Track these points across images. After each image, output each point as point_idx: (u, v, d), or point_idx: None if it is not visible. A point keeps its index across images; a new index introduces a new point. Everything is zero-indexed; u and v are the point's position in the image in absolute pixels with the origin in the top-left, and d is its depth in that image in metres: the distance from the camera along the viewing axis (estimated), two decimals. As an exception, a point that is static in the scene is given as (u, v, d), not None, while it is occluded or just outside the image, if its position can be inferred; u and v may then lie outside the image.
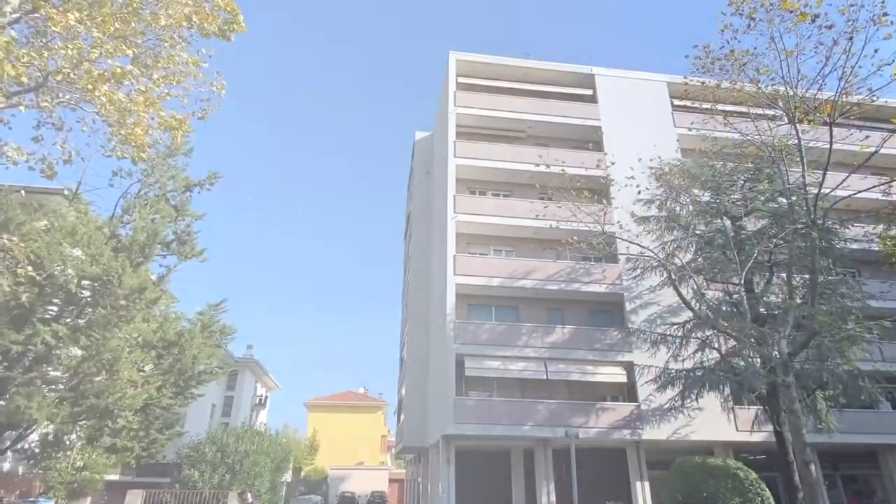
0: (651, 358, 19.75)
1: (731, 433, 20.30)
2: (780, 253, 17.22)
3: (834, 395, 17.08)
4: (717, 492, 14.71)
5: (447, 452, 19.96)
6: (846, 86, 12.99)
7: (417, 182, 32.32)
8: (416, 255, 30.35)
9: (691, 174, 18.82)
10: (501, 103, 25.62)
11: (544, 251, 23.61)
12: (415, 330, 28.53)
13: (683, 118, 25.52)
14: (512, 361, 20.96)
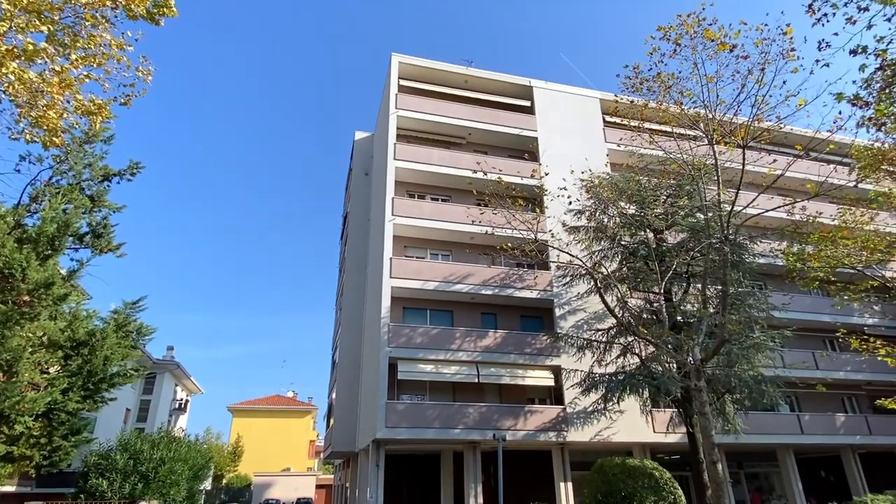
0: (577, 362, 20.49)
1: (649, 434, 21.39)
2: (697, 265, 18.37)
3: (740, 398, 18.40)
4: (635, 491, 15.42)
5: (377, 456, 19.78)
6: (758, 112, 14.10)
7: (356, 183, 31.93)
8: (351, 257, 29.95)
9: (619, 188, 19.72)
10: (442, 108, 25.82)
11: (480, 256, 23.98)
12: (348, 333, 28.11)
13: (613, 134, 26.77)
14: (445, 365, 21.08)
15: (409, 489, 21.98)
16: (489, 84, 27.56)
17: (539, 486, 21.07)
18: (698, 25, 13.14)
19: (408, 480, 22.14)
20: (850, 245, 19.60)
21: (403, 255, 23.46)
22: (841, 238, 19.56)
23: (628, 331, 17.17)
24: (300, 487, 47.81)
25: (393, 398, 20.51)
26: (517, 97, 27.75)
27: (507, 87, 27.68)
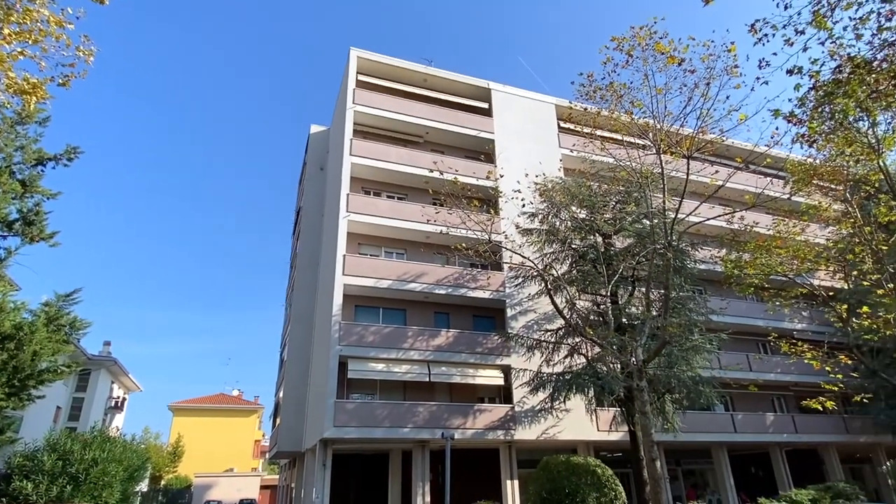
0: (527, 362, 20.86)
1: (593, 433, 22.02)
2: (642, 269, 19.04)
3: (679, 398, 19.21)
4: (578, 488, 15.83)
5: (323, 456, 19.50)
6: (703, 125, 14.77)
7: (310, 177, 31.36)
8: (304, 253, 29.39)
9: (571, 192, 20.21)
10: (401, 106, 25.71)
11: (435, 256, 24.04)
12: (298, 330, 27.58)
13: (567, 139, 27.39)
14: (396, 364, 21.02)
15: (356, 489, 21.80)
16: (448, 84, 27.65)
17: (486, 484, 21.32)
18: (650, 38, 13.64)
19: (355, 480, 21.95)
20: (783, 254, 20.81)
21: (357, 252, 23.23)
22: (775, 247, 20.73)
23: (576, 332, 17.62)
24: (243, 488, 46.52)
25: (342, 397, 20.28)
26: (475, 99, 27.96)
27: (466, 88, 27.85)
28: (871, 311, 18.72)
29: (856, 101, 11.79)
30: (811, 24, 8.79)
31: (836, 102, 11.10)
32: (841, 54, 9.76)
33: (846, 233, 21.57)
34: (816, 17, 8.72)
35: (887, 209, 18.72)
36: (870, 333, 18.97)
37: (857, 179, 19.97)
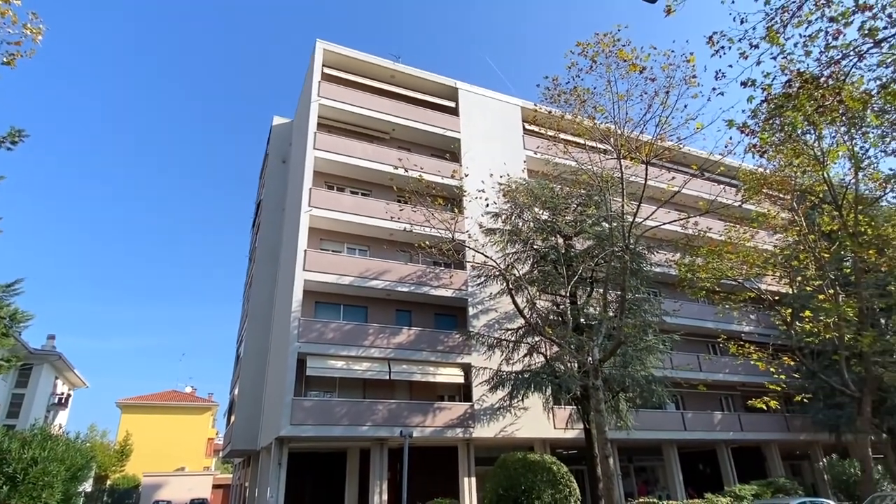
0: (487, 360, 21.05)
1: (550, 430, 22.41)
2: (600, 271, 19.49)
3: (633, 397, 19.77)
4: (534, 484, 16.10)
5: (279, 454, 19.16)
6: (661, 132, 15.20)
7: (272, 170, 30.70)
8: (263, 247, 28.76)
9: (534, 194, 20.49)
10: (367, 101, 25.46)
11: (398, 253, 23.94)
12: (255, 326, 26.98)
13: (532, 142, 27.74)
14: (356, 361, 20.84)
15: (312, 487, 21.52)
16: (416, 81, 27.56)
17: (444, 481, 21.40)
18: (613, 45, 13.95)
19: (311, 479, 21.66)
20: (733, 259, 21.69)
21: (319, 247, 22.90)
22: (726, 252, 21.59)
23: (535, 331, 17.89)
24: (195, 487, 45.20)
25: (300, 395, 19.97)
26: (443, 97, 27.97)
27: (434, 86, 27.83)
28: (813, 315, 19.72)
29: (804, 115, 12.36)
30: (765, 39, 9.17)
31: (785, 115, 11.61)
32: (791, 69, 10.21)
33: (792, 240, 22.68)
34: (770, 32, 9.10)
35: (830, 219, 19.76)
36: (811, 336, 19.97)
37: (803, 190, 21.02)
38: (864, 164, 18.39)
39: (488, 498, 16.94)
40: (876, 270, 19.91)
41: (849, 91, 10.92)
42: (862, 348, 18.42)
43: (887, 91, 10.24)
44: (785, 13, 8.96)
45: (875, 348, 19.09)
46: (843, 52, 9.26)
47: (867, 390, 19.12)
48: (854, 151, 17.97)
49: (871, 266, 18.96)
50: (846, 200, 18.99)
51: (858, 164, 18.30)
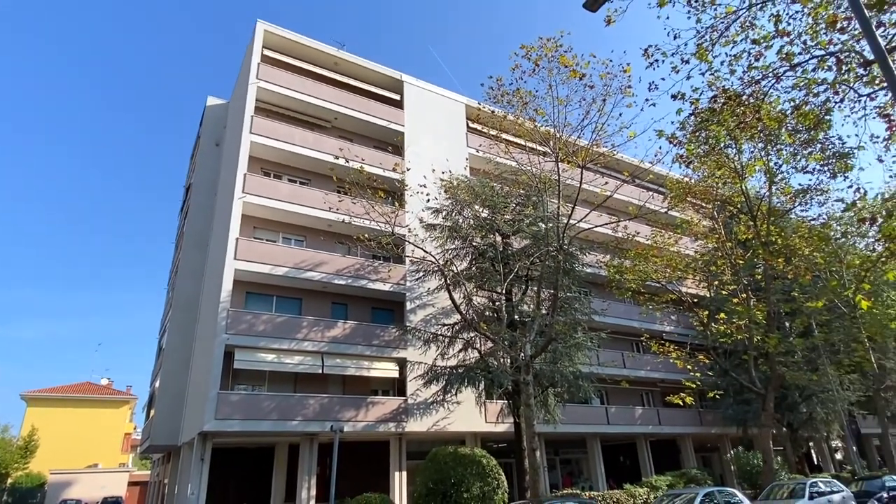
0: (422, 355, 21.09)
1: (481, 424, 22.80)
2: (535, 270, 20.01)
3: (561, 392, 20.47)
4: (464, 477, 16.32)
5: (202, 450, 18.37)
6: (597, 138, 15.79)
7: (204, 152, 29.27)
8: (191, 233, 27.40)
9: (475, 191, 20.73)
10: (309, 87, 24.75)
11: (336, 245, 23.50)
12: (180, 316, 25.70)
13: (475, 140, 27.99)
14: (288, 355, 20.30)
15: (237, 484, 20.81)
16: (360, 71, 27.08)
17: (375, 476, 21.30)
18: (556, 50, 14.32)
19: (236, 475, 20.95)
20: (658, 263, 22.91)
21: (252, 236, 22.08)
22: (652, 256, 22.77)
23: (471, 326, 18.13)
24: (109, 485, 42.50)
25: (227, 388, 19.24)
26: (387, 89, 27.66)
27: (379, 77, 27.46)
28: (727, 317, 21.19)
29: (726, 130, 13.20)
30: (695, 56, 9.71)
31: (710, 129, 12.36)
32: (717, 86, 10.87)
33: (711, 247, 24.24)
34: (700, 49, 9.64)
35: (745, 228, 21.26)
36: (725, 337, 21.45)
37: (723, 200, 22.50)
38: (777, 179, 19.94)
39: (418, 491, 17.03)
40: (783, 277, 21.63)
41: (767, 110, 11.77)
42: (768, 349, 20.00)
43: (800, 112, 11.12)
44: (714, 32, 9.52)
45: (780, 349, 20.80)
46: (763, 73, 9.96)
47: (771, 388, 20.76)
48: (769, 166, 19.41)
49: (779, 273, 20.59)
50: (760, 212, 20.49)
51: (772, 179, 19.81)
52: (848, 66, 9.80)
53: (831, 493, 17.10)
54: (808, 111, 10.92)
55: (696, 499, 13.97)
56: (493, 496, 16.53)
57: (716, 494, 14.75)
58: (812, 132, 13.52)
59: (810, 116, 11.09)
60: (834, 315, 25.37)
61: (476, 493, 16.18)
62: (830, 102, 10.50)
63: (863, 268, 21.11)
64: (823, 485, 17.51)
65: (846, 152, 16.31)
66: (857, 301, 21.31)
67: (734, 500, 15.04)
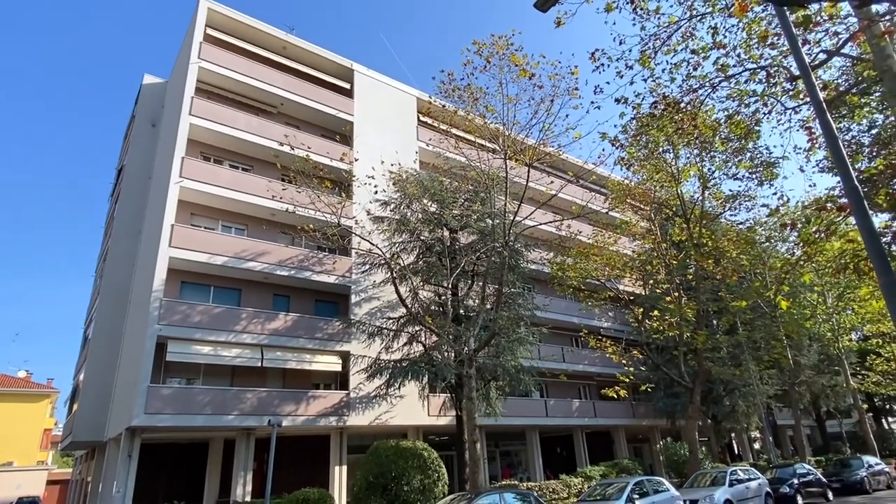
0: (366, 349, 20.91)
1: (424, 418, 22.88)
2: (481, 265, 20.24)
3: (503, 385, 20.84)
4: (404, 470, 16.32)
5: (130, 446, 17.47)
6: (544, 138, 16.10)
7: (138, 133, 27.67)
8: (122, 219, 25.90)
9: (424, 185, 20.69)
10: (255, 71, 23.85)
11: (279, 235, 22.83)
12: (108, 305, 24.27)
13: (425, 133, 27.90)
14: (226, 347, 19.59)
15: (167, 481, 19.94)
16: (310, 57, 26.36)
17: (315, 470, 20.98)
18: (507, 48, 14.48)
19: (167, 471, 20.07)
20: (598, 261, 23.71)
21: (189, 223, 21.11)
22: (592, 255, 23.53)
23: (416, 320, 18.13)
24: (25, 485, 39.71)
25: (158, 382, 18.37)
26: (338, 77, 27.09)
27: (329, 64, 26.84)
28: (660, 314, 22.21)
29: (665, 135, 13.78)
30: (639, 62, 10.06)
31: (650, 133, 12.87)
32: (659, 92, 11.31)
33: (648, 247, 25.33)
34: (643, 56, 9.99)
35: (679, 230, 22.33)
36: (657, 333, 22.50)
37: (660, 202, 23.54)
38: (710, 184, 21.06)
39: (358, 485, 16.90)
40: (712, 278, 22.90)
41: (703, 118, 12.38)
42: (697, 345, 21.15)
43: (732, 121, 11.76)
44: (657, 40, 9.89)
45: (707, 346, 22.03)
46: (701, 83, 10.46)
47: (698, 382, 21.97)
48: (703, 172, 20.46)
49: (708, 274, 21.79)
50: (693, 215, 21.58)
51: (705, 184, 20.90)
52: (776, 80, 10.45)
53: (749, 481, 18.31)
54: (740, 121, 11.57)
55: (626, 487, 14.60)
56: (434, 488, 16.65)
57: (645, 483, 15.47)
58: (742, 141, 14.34)
59: (741, 126, 11.75)
60: (756, 314, 27.13)
61: (417, 486, 16.24)
62: (760, 114, 11.17)
63: (783, 270, 22.67)
64: (742, 473, 18.72)
65: (772, 161, 17.44)
66: (777, 301, 22.89)
67: (662, 488, 15.82)
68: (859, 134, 15.01)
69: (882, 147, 12.30)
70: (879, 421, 48.32)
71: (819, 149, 12.28)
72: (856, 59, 10.83)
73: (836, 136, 6.51)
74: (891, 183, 9.44)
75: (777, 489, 19.53)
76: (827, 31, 9.71)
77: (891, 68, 8.81)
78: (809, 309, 28.92)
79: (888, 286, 5.41)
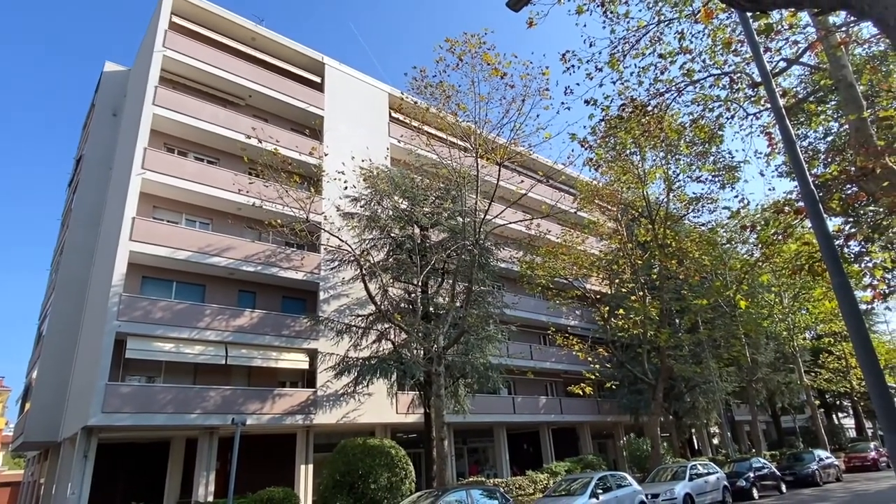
0: (334, 346, 20.68)
1: (392, 416, 22.79)
2: (452, 263, 20.27)
3: (471, 382, 20.93)
4: (372, 468, 16.25)
5: (86, 446, 16.85)
6: (515, 137, 16.21)
7: (99, 122, 26.65)
8: (81, 210, 24.95)
9: (395, 182, 20.57)
10: (222, 61, 23.25)
11: (245, 230, 22.36)
12: (64, 300, 23.35)
13: (397, 130, 27.74)
14: (188, 344, 19.09)
15: (126, 482, 19.34)
16: (280, 49, 25.88)
17: (280, 469, 20.66)
18: (479, 47, 14.50)
19: (125, 472, 19.47)
20: (566, 260, 24.04)
21: (152, 216, 20.48)
22: (561, 254, 23.85)
23: (385, 318, 18.03)
24: (-30, 488, 38.00)
25: (117, 379, 17.78)
26: (308, 70, 26.67)
27: (299, 57, 26.39)
28: (625, 313, 22.67)
29: (633, 137, 14.04)
30: (608, 65, 10.21)
31: (618, 135, 13.09)
32: (627, 95, 11.51)
33: (614, 247, 25.82)
34: (612, 59, 10.15)
35: (645, 231, 22.82)
36: (623, 331, 22.96)
37: (627, 203, 24.02)
38: (674, 187, 21.58)
39: (325, 484, 16.74)
40: (675, 278, 23.51)
41: (669, 121, 12.65)
42: (660, 343, 21.67)
43: (697, 125, 12.06)
44: (626, 44, 10.06)
45: (670, 343, 22.60)
46: (667, 87, 10.68)
47: (661, 379, 22.53)
48: (668, 174, 20.96)
49: (672, 273, 22.35)
50: (658, 216, 22.09)
51: (670, 186, 21.41)
52: (739, 86, 10.77)
53: (708, 475, 18.90)
54: (704, 125, 11.88)
55: (590, 482, 14.87)
56: (401, 486, 16.62)
57: (608, 478, 15.79)
58: (706, 145, 14.75)
59: (705, 130, 12.06)
60: (717, 313, 27.97)
61: (384, 484, 16.19)
62: (723, 118, 11.49)
63: (742, 271, 23.42)
64: (702, 467, 19.30)
65: (734, 165, 17.98)
66: (736, 301, 23.63)
67: (625, 483, 16.18)
68: (816, 141, 15.66)
69: (836, 154, 12.83)
70: (830, 416, 50.57)
71: (778, 154, 12.72)
72: (814, 68, 11.26)
73: (795, 142, 6.74)
74: (844, 188, 9.85)
75: (734, 483, 20.22)
76: (787, 40, 10.06)
77: (845, 78, 9.19)
78: (767, 308, 29.99)
79: (840, 287, 5.64)
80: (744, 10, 2.59)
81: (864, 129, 8.94)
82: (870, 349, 5.34)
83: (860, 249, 12.20)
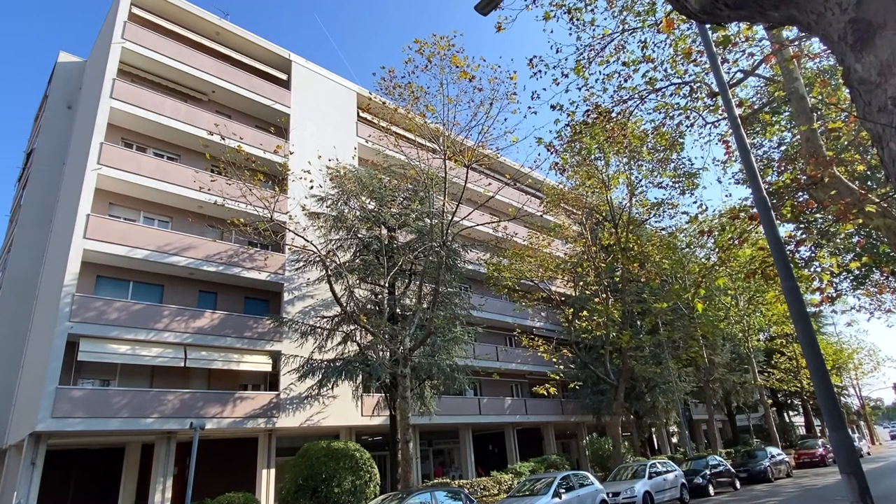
0: (299, 348, 20.36)
1: (357, 418, 22.57)
2: (419, 264, 20.21)
3: (437, 384, 20.93)
4: (336, 472, 16.05)
5: (33, 453, 16.09)
6: (483, 140, 16.31)
7: (52, 115, 25.56)
8: (31, 206, 23.86)
9: (362, 182, 20.41)
10: (184, 55, 22.61)
11: (206, 229, 21.79)
12: (11, 299, 22.29)
13: (365, 130, 27.54)
14: (145, 346, 18.47)
15: (77, 490, 18.60)
16: (245, 44, 25.34)
17: (241, 474, 20.18)
18: (448, 49, 14.54)
19: (76, 479, 18.70)
20: (532, 263, 24.32)
21: (108, 213, 19.74)
22: (527, 256, 24.11)
23: (351, 319, 17.85)
24: None
25: (68, 383, 17.05)
26: (274, 67, 26.20)
27: (265, 53, 25.91)
28: (589, 315, 23.08)
29: (597, 143, 14.30)
30: (574, 71, 10.39)
31: (583, 141, 13.31)
32: (592, 101, 11.72)
33: (579, 250, 26.26)
34: (578, 65, 10.33)
35: (608, 235, 23.30)
36: (586, 333, 23.35)
37: (591, 207, 24.47)
38: (637, 192, 22.10)
39: (287, 488, 16.44)
40: (637, 280, 24.08)
41: (632, 128, 12.95)
42: (622, 344, 22.14)
43: (658, 132, 12.39)
44: (591, 51, 10.26)
45: (631, 345, 23.12)
46: (631, 94, 10.94)
47: (622, 379, 23.02)
48: (631, 180, 21.45)
49: (634, 276, 22.88)
50: (621, 220, 22.58)
51: (633, 191, 21.92)
52: (698, 95, 11.12)
53: (667, 473, 19.42)
54: (665, 132, 12.21)
55: (553, 482, 15.07)
56: (366, 489, 16.47)
57: (571, 477, 16.04)
58: (667, 152, 15.14)
59: (667, 137, 12.40)
60: (676, 315, 28.80)
61: (348, 488, 16.01)
62: (683, 126, 11.83)
63: (700, 274, 24.18)
64: (661, 466, 19.81)
65: (694, 172, 18.55)
66: (694, 304, 24.38)
67: (587, 482, 16.47)
68: (770, 150, 16.31)
69: (789, 163, 13.38)
70: (782, 415, 52.71)
71: (735, 162, 13.19)
72: (768, 80, 11.72)
73: (749, 150, 7.00)
74: (795, 196, 10.28)
75: (691, 480, 20.83)
76: (744, 52, 10.44)
77: (797, 90, 9.61)
78: (723, 311, 31.04)
79: (790, 291, 5.88)
80: (702, 21, 2.69)
81: (814, 139, 9.35)
82: (817, 350, 5.59)
83: (810, 255, 12.76)
